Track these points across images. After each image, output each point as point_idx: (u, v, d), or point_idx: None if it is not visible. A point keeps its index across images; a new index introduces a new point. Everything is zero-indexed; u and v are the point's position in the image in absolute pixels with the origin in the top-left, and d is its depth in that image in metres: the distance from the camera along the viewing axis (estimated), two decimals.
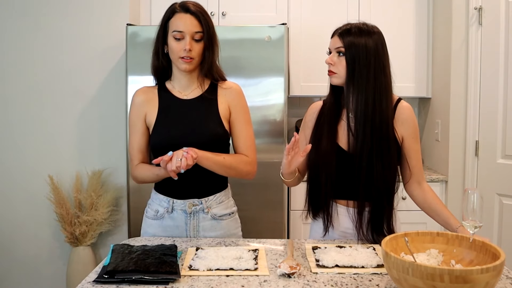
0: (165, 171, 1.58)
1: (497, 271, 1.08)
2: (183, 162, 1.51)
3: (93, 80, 2.98)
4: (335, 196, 1.68)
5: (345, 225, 1.68)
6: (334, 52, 1.63)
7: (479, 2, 2.62)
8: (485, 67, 2.63)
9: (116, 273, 1.29)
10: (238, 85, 1.79)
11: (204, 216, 1.73)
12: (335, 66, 1.62)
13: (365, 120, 1.59)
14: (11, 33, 2.97)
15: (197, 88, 1.74)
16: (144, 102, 1.74)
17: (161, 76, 1.76)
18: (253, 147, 1.76)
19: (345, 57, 1.60)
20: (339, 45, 1.61)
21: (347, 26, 1.63)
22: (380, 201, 1.62)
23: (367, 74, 1.59)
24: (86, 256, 2.89)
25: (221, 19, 3.03)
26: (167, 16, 1.67)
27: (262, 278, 1.31)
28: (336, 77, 1.64)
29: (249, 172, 1.75)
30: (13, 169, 3.02)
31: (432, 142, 3.06)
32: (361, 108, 1.59)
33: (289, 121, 2.82)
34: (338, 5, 3.02)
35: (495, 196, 2.61)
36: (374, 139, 1.59)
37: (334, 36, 1.65)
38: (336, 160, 1.63)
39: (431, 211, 1.68)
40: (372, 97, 1.59)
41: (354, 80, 1.59)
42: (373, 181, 1.59)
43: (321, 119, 1.70)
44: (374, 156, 1.59)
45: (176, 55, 1.65)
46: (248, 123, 1.77)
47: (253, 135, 1.78)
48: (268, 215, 2.69)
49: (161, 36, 1.68)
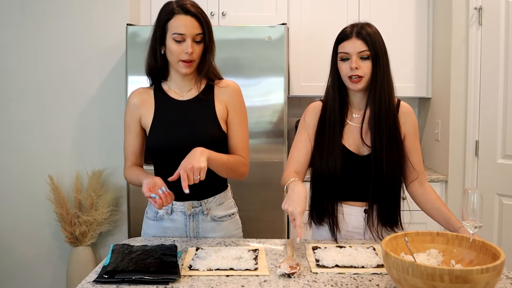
0: (145, 180, 1.54)
1: (497, 271, 1.08)
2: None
3: (93, 80, 2.98)
4: (344, 198, 1.66)
5: (352, 224, 1.67)
6: (357, 56, 1.56)
7: (479, 2, 2.62)
8: (485, 67, 2.63)
9: (116, 273, 1.29)
10: (236, 83, 1.77)
11: (204, 218, 1.71)
12: (361, 70, 1.56)
13: (384, 120, 1.58)
14: (11, 33, 2.97)
15: (194, 89, 1.71)
16: (139, 103, 1.71)
17: (156, 77, 1.72)
18: (248, 148, 1.75)
19: (371, 57, 1.56)
20: (363, 49, 1.55)
21: (358, 26, 1.58)
22: (390, 198, 1.62)
23: (385, 73, 1.58)
24: (86, 256, 2.89)
25: (221, 19, 3.02)
26: (166, 17, 1.61)
27: (262, 278, 1.31)
28: (362, 82, 1.58)
29: (244, 173, 1.73)
30: (13, 169, 3.02)
31: (432, 142, 3.06)
32: (381, 109, 1.58)
33: (289, 121, 2.81)
34: (338, 5, 3.02)
35: (495, 196, 2.61)
36: (390, 138, 1.59)
37: (351, 39, 1.57)
38: (345, 163, 1.62)
39: (433, 210, 1.66)
40: (387, 96, 1.59)
41: (378, 80, 1.57)
42: (385, 181, 1.59)
43: (325, 120, 1.66)
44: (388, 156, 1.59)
45: (176, 58, 1.61)
46: (245, 123, 1.74)
47: (248, 136, 1.76)
48: (268, 215, 2.69)
49: (159, 37, 1.63)
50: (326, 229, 1.67)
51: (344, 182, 1.63)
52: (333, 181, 1.61)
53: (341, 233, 1.67)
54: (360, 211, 1.65)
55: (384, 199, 1.62)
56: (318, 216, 1.69)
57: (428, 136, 3.14)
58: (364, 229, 1.65)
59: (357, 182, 1.63)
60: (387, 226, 1.65)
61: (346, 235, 1.68)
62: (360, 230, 1.66)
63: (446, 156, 2.80)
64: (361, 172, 1.62)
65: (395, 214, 1.66)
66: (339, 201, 1.66)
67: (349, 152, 1.63)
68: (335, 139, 1.62)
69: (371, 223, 1.63)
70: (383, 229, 1.65)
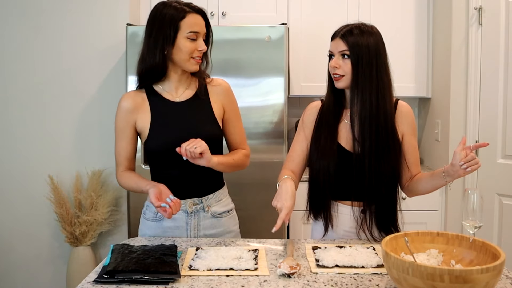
0: (151, 189, 1.57)
1: (497, 271, 1.08)
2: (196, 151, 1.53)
3: (93, 80, 2.98)
4: (338, 197, 1.68)
5: (349, 224, 1.67)
6: (338, 55, 1.61)
7: (479, 2, 2.62)
8: (485, 67, 2.63)
9: (116, 273, 1.29)
10: (225, 81, 1.81)
11: (205, 215, 1.73)
12: (341, 69, 1.61)
13: (370, 120, 1.59)
14: (11, 33, 2.97)
15: (188, 89, 1.73)
16: (132, 108, 1.70)
17: (152, 78, 1.70)
18: (246, 139, 1.84)
19: (350, 58, 1.58)
20: (343, 48, 1.59)
21: (348, 27, 1.62)
22: (385, 199, 1.62)
23: (371, 74, 1.58)
24: (86, 256, 2.89)
25: (221, 19, 3.03)
26: (178, 16, 1.61)
27: (262, 278, 1.31)
28: (342, 81, 1.62)
29: (247, 165, 1.82)
30: (13, 169, 3.01)
31: (432, 142, 3.06)
32: (366, 108, 1.59)
33: (289, 121, 2.81)
34: (338, 5, 3.02)
35: (495, 196, 2.61)
36: (379, 139, 1.60)
37: (335, 39, 1.63)
38: (339, 161, 1.63)
39: (420, 182, 1.63)
40: (375, 96, 1.59)
41: (359, 81, 1.59)
42: (378, 180, 1.59)
43: (321, 119, 1.69)
44: (379, 155, 1.59)
45: (188, 56, 1.63)
46: (239, 118, 1.82)
47: (243, 127, 1.84)
48: (268, 215, 2.68)
49: (169, 36, 1.61)
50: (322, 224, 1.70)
51: (338, 180, 1.64)
52: (327, 179, 1.64)
53: (334, 230, 1.68)
54: (354, 211, 1.66)
55: (379, 200, 1.62)
56: (315, 212, 1.72)
57: (428, 136, 3.13)
58: (357, 229, 1.65)
59: (351, 180, 1.64)
60: (382, 229, 1.65)
61: (339, 234, 1.69)
62: (354, 229, 1.66)
63: (446, 156, 2.79)
64: (355, 171, 1.62)
65: (391, 217, 1.65)
66: (333, 199, 1.68)
67: (343, 150, 1.65)
68: (330, 137, 1.65)
69: (365, 223, 1.63)
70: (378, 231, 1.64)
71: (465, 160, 1.43)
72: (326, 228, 1.68)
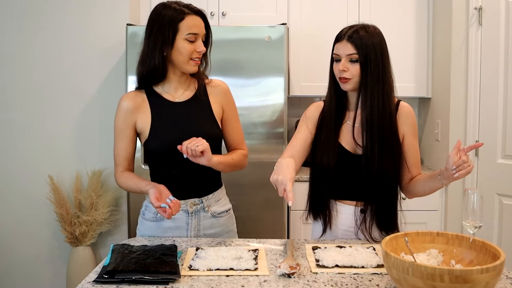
0: (150, 190, 1.57)
1: (497, 271, 1.08)
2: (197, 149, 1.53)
3: (93, 80, 2.98)
4: (338, 196, 1.68)
5: (348, 223, 1.67)
6: (346, 58, 1.58)
7: (479, 2, 2.62)
8: (485, 67, 2.63)
9: (116, 273, 1.29)
10: (224, 82, 1.82)
11: (205, 215, 1.74)
12: (349, 72, 1.58)
13: (377, 121, 1.59)
14: (11, 33, 2.97)
15: (187, 90, 1.74)
16: (133, 108, 1.70)
17: (153, 79, 1.70)
18: (244, 138, 1.85)
19: (359, 61, 1.56)
20: (351, 52, 1.56)
21: (353, 28, 1.59)
22: (385, 199, 1.62)
23: (378, 75, 1.58)
24: (86, 256, 2.89)
25: (221, 19, 3.03)
26: (178, 17, 1.61)
27: (262, 278, 1.31)
28: (350, 83, 1.60)
29: (245, 165, 1.82)
30: (13, 169, 3.01)
31: (432, 142, 3.06)
32: (374, 109, 1.58)
33: (289, 121, 2.81)
34: (338, 5, 3.02)
35: (495, 196, 2.61)
36: (384, 140, 1.59)
37: (342, 41, 1.59)
38: (340, 162, 1.63)
39: (419, 183, 1.64)
40: (382, 98, 1.58)
41: (368, 83, 1.58)
42: (379, 180, 1.59)
43: (323, 121, 1.68)
44: (382, 155, 1.59)
45: (187, 57, 1.64)
46: (238, 118, 1.83)
47: (241, 128, 1.85)
48: (268, 215, 2.69)
49: (167, 38, 1.61)
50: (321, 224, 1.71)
51: (337, 179, 1.64)
52: (327, 178, 1.64)
53: (333, 229, 1.68)
54: (353, 210, 1.66)
55: (379, 201, 1.62)
56: (314, 212, 1.71)
57: (428, 136, 3.13)
58: (355, 229, 1.65)
59: (350, 180, 1.64)
60: (382, 229, 1.65)
61: (338, 233, 1.69)
62: (352, 229, 1.66)
63: (446, 156, 2.76)
64: (355, 171, 1.62)
65: (391, 217, 1.65)
66: (333, 199, 1.68)
67: (344, 150, 1.65)
68: (331, 137, 1.65)
69: (364, 223, 1.63)
70: (378, 231, 1.65)
71: (456, 164, 1.43)
72: (324, 227, 1.68)
